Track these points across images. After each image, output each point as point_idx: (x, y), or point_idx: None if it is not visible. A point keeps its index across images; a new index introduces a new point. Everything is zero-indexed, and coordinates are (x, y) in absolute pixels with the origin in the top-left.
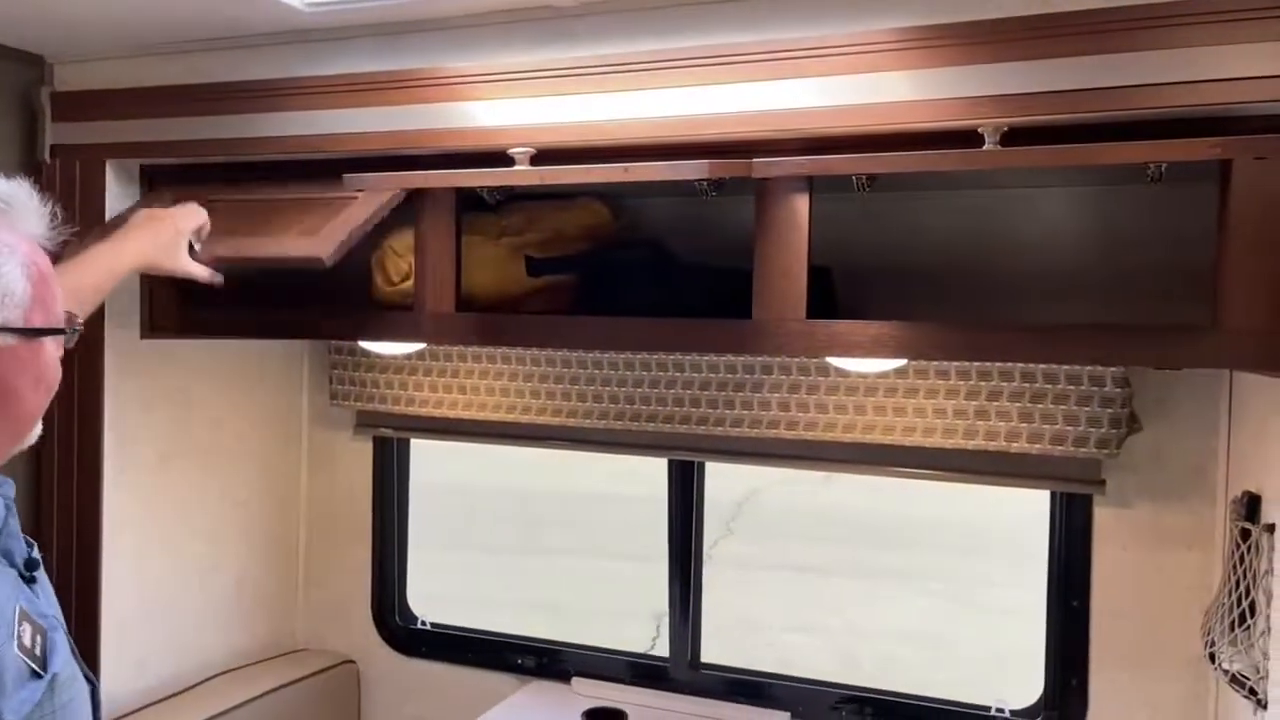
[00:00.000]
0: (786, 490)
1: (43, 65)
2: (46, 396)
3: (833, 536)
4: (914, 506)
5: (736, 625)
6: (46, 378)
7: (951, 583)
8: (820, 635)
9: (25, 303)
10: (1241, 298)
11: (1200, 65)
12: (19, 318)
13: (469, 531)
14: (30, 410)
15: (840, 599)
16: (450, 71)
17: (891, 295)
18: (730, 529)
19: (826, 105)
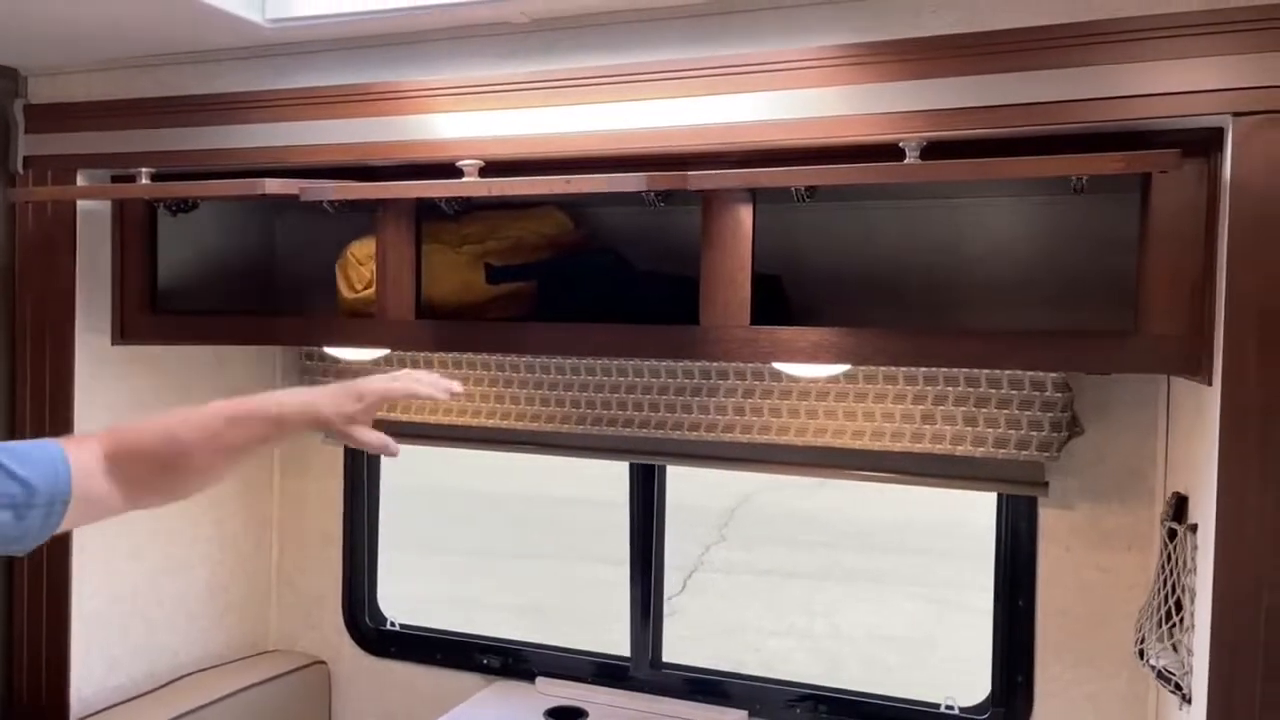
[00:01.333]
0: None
1: (16, 78)
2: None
3: (822, 542)
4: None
5: (722, 630)
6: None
7: (934, 586)
8: (805, 639)
9: None
10: (1161, 304)
11: (1116, 82)
12: None
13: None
14: None
15: (826, 603)
16: (408, 85)
17: (844, 303)
18: (723, 535)
19: (764, 120)
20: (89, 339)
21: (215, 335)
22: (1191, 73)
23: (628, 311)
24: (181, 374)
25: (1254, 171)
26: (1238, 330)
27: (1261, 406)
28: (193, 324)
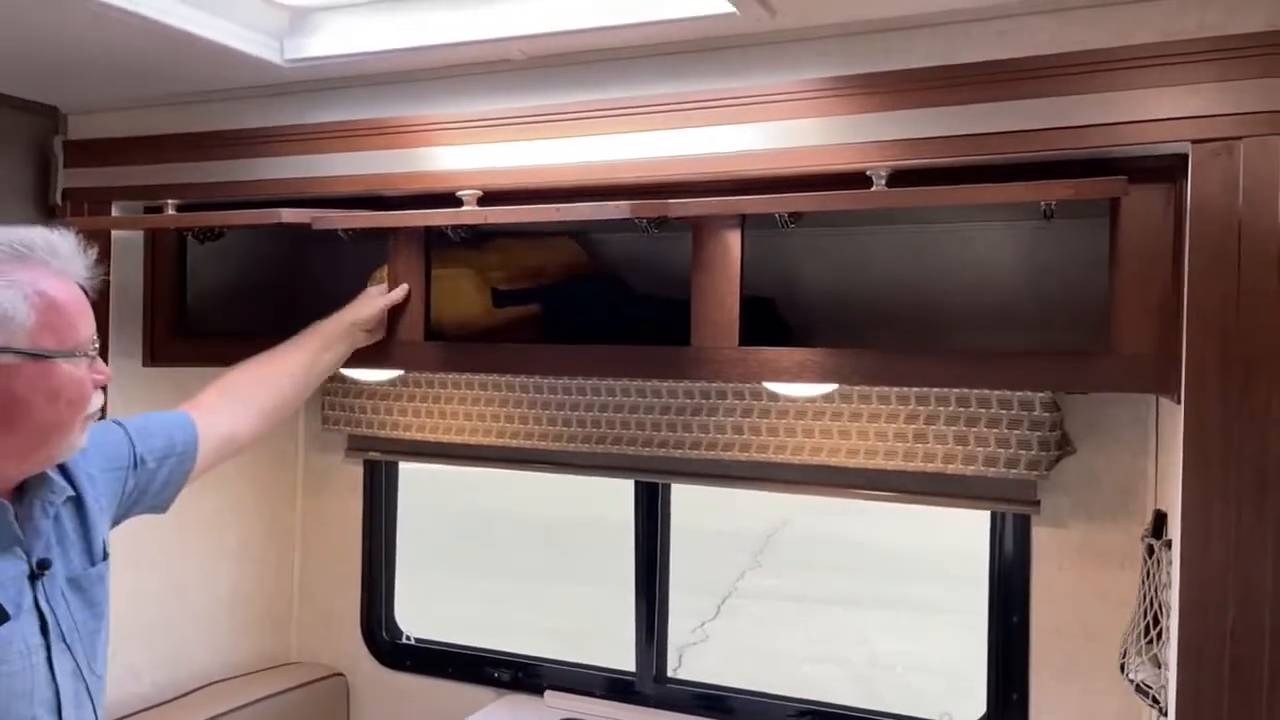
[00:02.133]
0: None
1: (56, 116)
2: (70, 410)
3: (860, 568)
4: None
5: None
6: (64, 394)
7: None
8: (841, 666)
9: (29, 327)
10: (1131, 325)
11: (1081, 112)
12: (23, 340)
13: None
14: (50, 421)
15: (864, 630)
16: (415, 120)
17: (840, 326)
18: (758, 561)
19: (747, 150)
20: (121, 362)
21: (239, 358)
22: (1153, 102)
23: (628, 333)
24: None
25: (1212, 196)
26: (1199, 349)
27: (1222, 423)
28: (218, 347)
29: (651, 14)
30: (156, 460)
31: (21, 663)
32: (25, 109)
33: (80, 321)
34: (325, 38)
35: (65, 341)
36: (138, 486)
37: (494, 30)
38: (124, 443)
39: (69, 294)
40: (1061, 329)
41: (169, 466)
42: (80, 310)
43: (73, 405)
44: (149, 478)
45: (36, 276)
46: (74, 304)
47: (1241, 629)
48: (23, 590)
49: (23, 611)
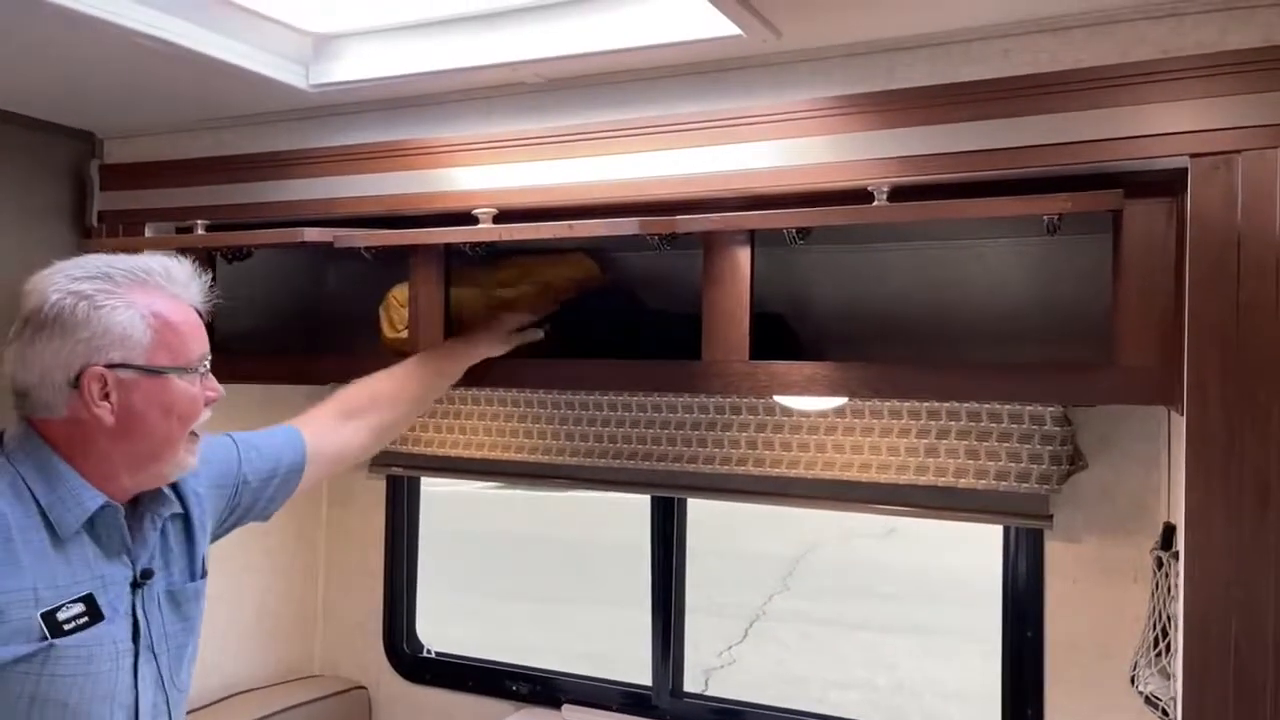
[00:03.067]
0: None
1: (93, 141)
2: (181, 425)
3: (889, 593)
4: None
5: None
6: (177, 409)
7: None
8: (869, 691)
9: (145, 345)
10: (1134, 337)
11: (1081, 128)
12: (139, 357)
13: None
14: (164, 436)
15: (892, 655)
16: (434, 142)
17: (852, 341)
18: (786, 585)
19: (756, 168)
20: None
21: (267, 375)
22: (1152, 118)
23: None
24: (237, 411)
25: (1212, 209)
26: (1200, 360)
27: (1224, 434)
28: (247, 364)
29: (661, 38)
30: (261, 480)
31: (109, 664)
32: (64, 134)
33: (192, 341)
34: (348, 63)
35: (179, 358)
36: (241, 504)
37: (509, 54)
38: (233, 461)
39: (183, 315)
40: (1071, 343)
41: (274, 485)
42: (193, 330)
43: (184, 419)
44: (253, 496)
45: (153, 299)
46: (187, 324)
47: (1245, 640)
48: (122, 596)
49: (119, 616)
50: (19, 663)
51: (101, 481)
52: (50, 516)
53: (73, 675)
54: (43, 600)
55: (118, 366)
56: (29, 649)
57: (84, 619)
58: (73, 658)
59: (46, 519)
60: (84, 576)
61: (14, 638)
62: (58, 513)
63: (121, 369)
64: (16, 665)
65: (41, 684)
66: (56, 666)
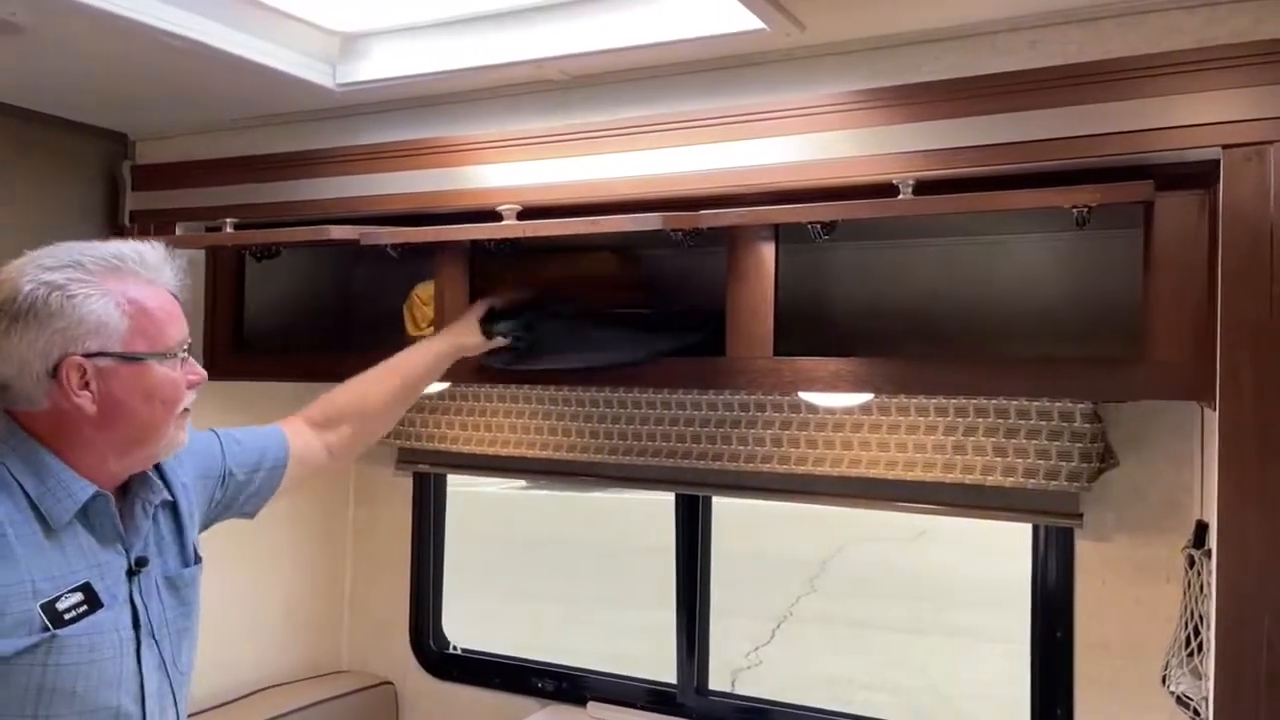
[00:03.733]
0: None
1: (125, 142)
2: (165, 410)
3: (917, 595)
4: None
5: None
6: (159, 394)
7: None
8: (897, 694)
9: (121, 332)
10: (1165, 331)
11: (1111, 119)
12: (116, 344)
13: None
14: (147, 421)
15: (921, 658)
16: (460, 140)
17: (880, 338)
18: (813, 586)
19: (781, 163)
20: None
21: (294, 373)
22: (1183, 108)
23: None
24: (265, 407)
25: (1244, 201)
26: (1233, 355)
27: (1258, 428)
28: (274, 362)
29: (685, 33)
30: (245, 473)
31: (112, 652)
32: (97, 135)
33: (170, 325)
34: (374, 62)
35: (156, 344)
36: (226, 496)
37: (534, 52)
38: (217, 454)
39: (158, 301)
40: (1102, 340)
41: (258, 480)
42: (170, 315)
43: (167, 404)
44: (237, 489)
45: (127, 285)
46: (163, 309)
47: (1278, 639)
48: (119, 583)
49: (118, 603)
50: (22, 654)
51: (89, 470)
52: (41, 508)
53: (77, 664)
54: (41, 591)
55: (95, 355)
56: (31, 640)
57: (84, 607)
58: (76, 646)
59: (37, 511)
60: (80, 566)
61: (15, 630)
62: (48, 504)
63: (99, 357)
64: (20, 657)
65: (47, 674)
66: (61, 656)
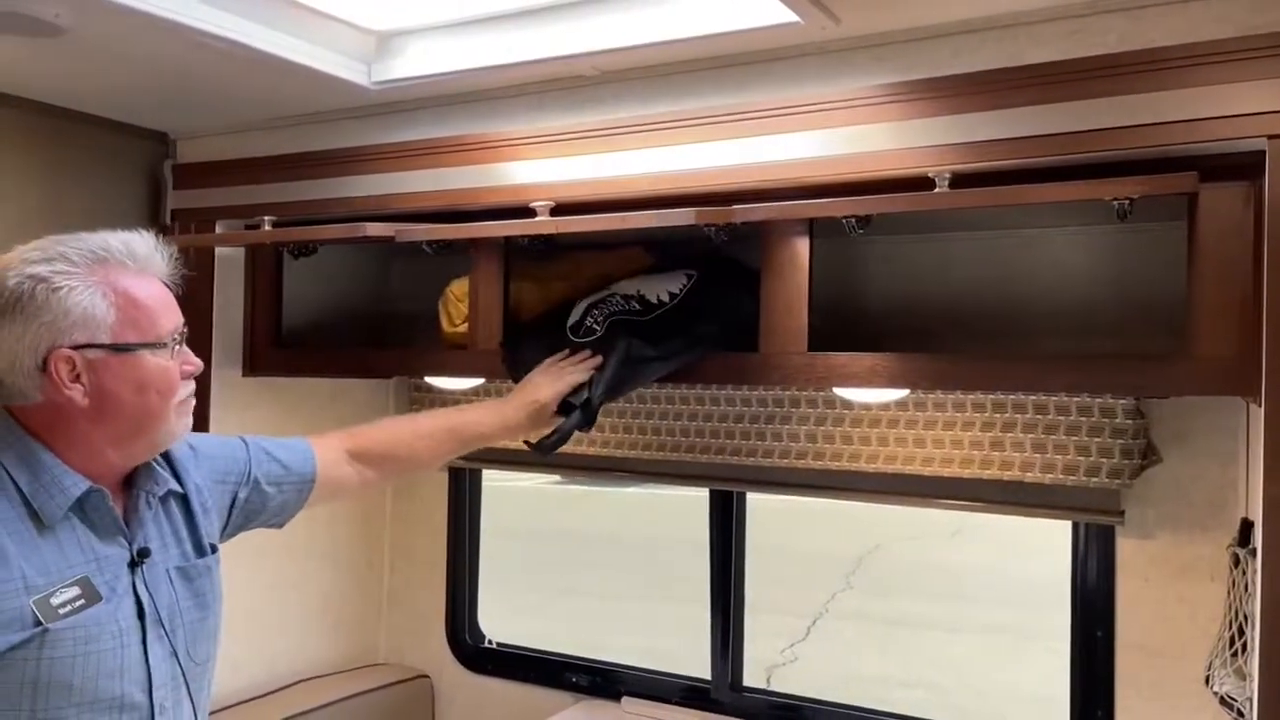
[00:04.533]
0: (909, 545)
1: (167, 141)
2: (160, 400)
3: (955, 592)
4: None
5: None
6: (153, 384)
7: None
8: (934, 692)
9: (110, 323)
10: (1210, 325)
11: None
12: (105, 336)
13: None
14: (142, 412)
15: (959, 656)
16: (493, 136)
17: (916, 332)
18: (849, 583)
19: (814, 157)
20: (222, 372)
21: (331, 368)
22: (1228, 98)
23: None
24: (303, 403)
25: None
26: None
27: None
28: (313, 358)
29: (718, 27)
30: (272, 484)
31: (112, 643)
32: (139, 135)
33: (161, 315)
34: (409, 60)
35: (147, 334)
36: (250, 504)
37: (567, 48)
38: (241, 460)
39: (148, 290)
40: (1144, 334)
41: (286, 493)
42: (160, 304)
43: (162, 394)
44: (263, 498)
45: (115, 276)
46: (152, 299)
47: None
48: (120, 575)
49: (117, 595)
50: (15, 650)
51: (85, 464)
52: (34, 504)
53: (73, 656)
54: (34, 587)
55: (84, 347)
56: (24, 635)
57: (80, 601)
58: (70, 639)
59: (30, 507)
60: (77, 560)
61: (8, 627)
62: (41, 500)
63: (88, 349)
64: (13, 652)
65: (41, 668)
66: (54, 649)
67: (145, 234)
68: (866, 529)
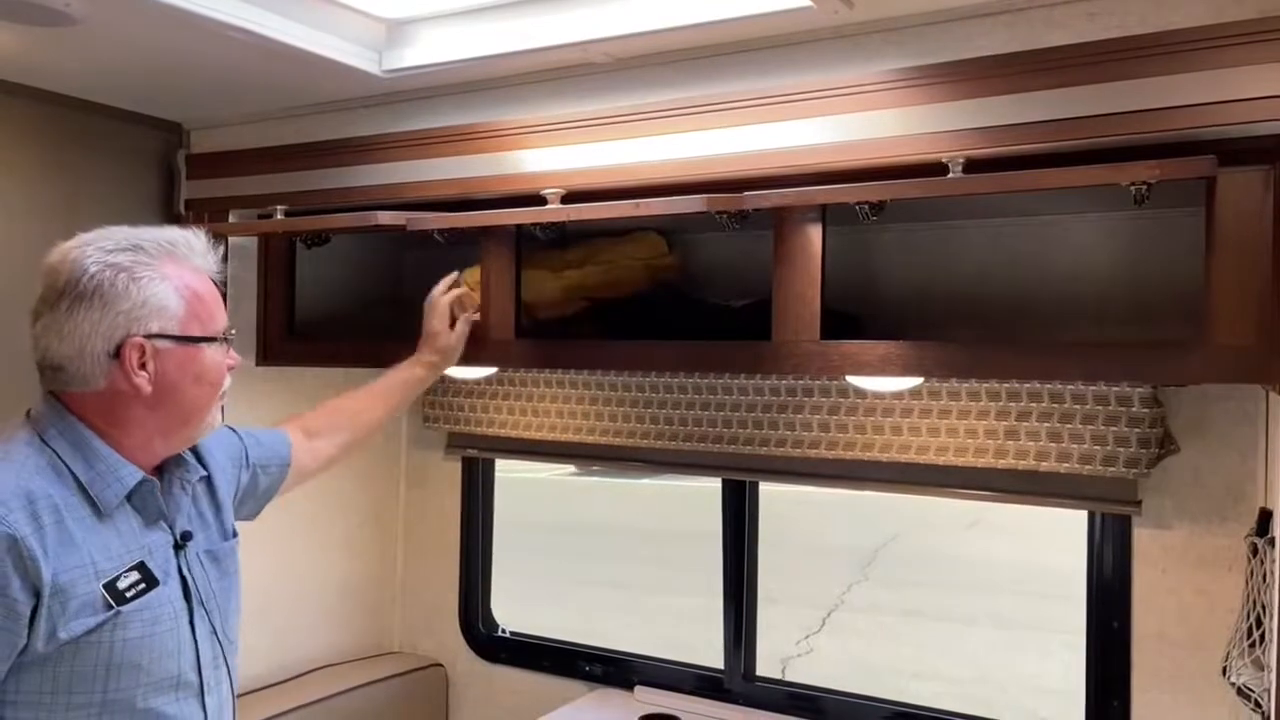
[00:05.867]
0: (925, 537)
1: (180, 131)
2: (210, 391)
3: (973, 585)
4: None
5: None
6: (207, 377)
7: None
8: (951, 684)
9: (179, 315)
10: (1228, 312)
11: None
12: (174, 327)
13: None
14: (194, 403)
15: (976, 648)
16: (504, 125)
17: (929, 322)
18: (865, 575)
19: (826, 143)
20: None
21: (344, 358)
22: (1247, 81)
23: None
24: (316, 393)
25: None
26: None
27: None
28: (325, 348)
29: (730, 12)
30: (262, 468)
31: (170, 624)
32: (153, 125)
33: (218, 311)
34: (419, 48)
35: (209, 328)
36: (248, 488)
37: (578, 34)
38: (238, 446)
39: (207, 286)
40: (1161, 322)
41: (271, 477)
42: (216, 301)
43: (213, 387)
44: (253, 482)
45: (183, 271)
46: (211, 295)
47: None
48: (169, 559)
49: (170, 578)
50: (91, 633)
51: (134, 452)
52: (91, 493)
53: (141, 637)
54: (102, 571)
55: (155, 336)
56: (99, 619)
57: (141, 585)
58: (139, 621)
59: (87, 495)
60: (133, 545)
61: (83, 610)
62: (98, 489)
63: (159, 339)
64: (89, 636)
65: (114, 650)
66: (126, 631)
67: (199, 232)
68: (882, 520)
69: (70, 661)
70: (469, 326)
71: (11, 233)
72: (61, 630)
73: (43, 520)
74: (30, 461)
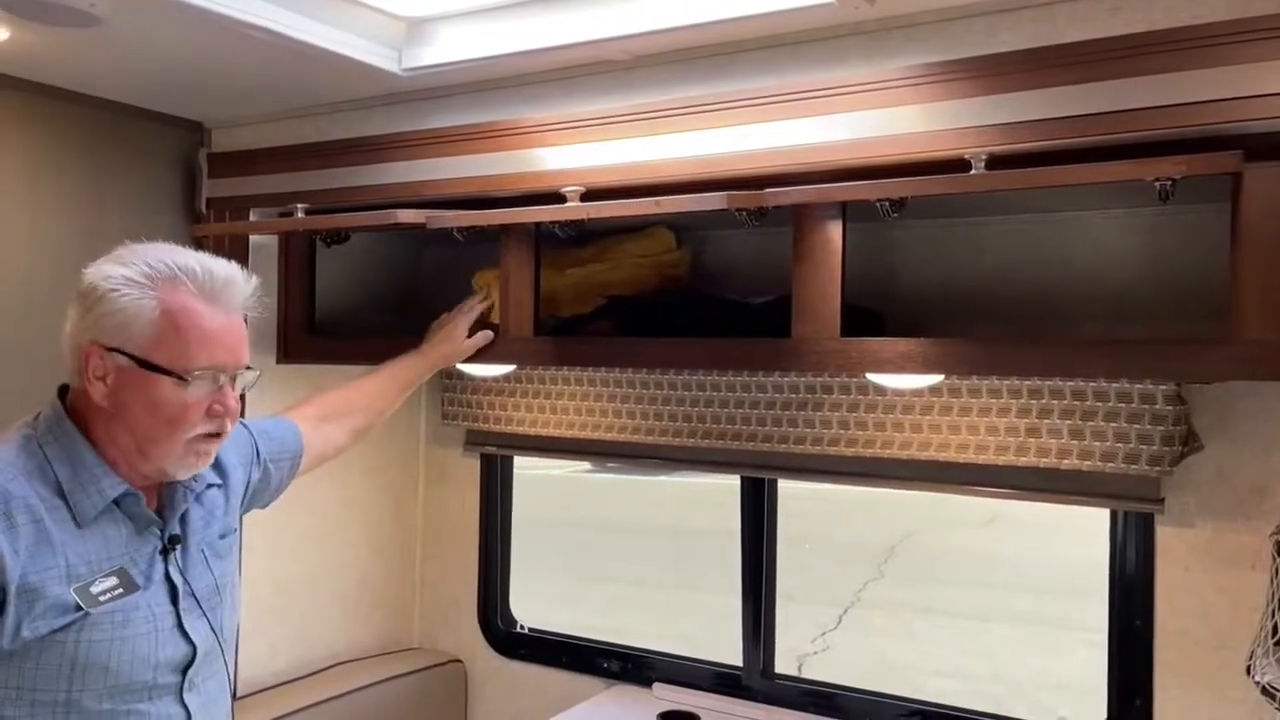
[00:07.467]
0: (942, 534)
1: (201, 130)
2: (168, 429)
3: (988, 581)
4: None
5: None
6: (163, 410)
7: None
8: (968, 681)
9: (145, 338)
10: (1253, 308)
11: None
12: (135, 349)
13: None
14: (147, 433)
15: (993, 645)
16: (524, 122)
17: (950, 319)
18: (881, 572)
19: (848, 139)
20: (256, 359)
21: (364, 356)
22: (1270, 76)
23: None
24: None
25: None
26: None
27: None
28: (345, 346)
29: (751, 8)
30: (274, 461)
31: (146, 627)
32: (175, 125)
33: (199, 348)
34: (438, 46)
35: (175, 362)
36: (259, 484)
37: (597, 32)
38: (249, 443)
39: (196, 321)
40: (1185, 319)
41: (284, 469)
42: (204, 338)
43: (172, 424)
44: (266, 476)
45: (176, 298)
46: (198, 330)
47: None
48: (154, 564)
49: (153, 583)
50: (55, 633)
51: (121, 463)
52: (70, 501)
53: (110, 639)
54: (77, 575)
55: (114, 350)
56: (65, 620)
57: (118, 590)
58: (108, 624)
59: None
60: (116, 552)
61: (50, 611)
62: (76, 498)
63: (117, 354)
64: (54, 635)
65: (80, 650)
66: (93, 632)
67: (234, 268)
68: (899, 517)
69: (36, 659)
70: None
71: (39, 230)
72: (26, 629)
73: (16, 520)
74: (18, 464)
